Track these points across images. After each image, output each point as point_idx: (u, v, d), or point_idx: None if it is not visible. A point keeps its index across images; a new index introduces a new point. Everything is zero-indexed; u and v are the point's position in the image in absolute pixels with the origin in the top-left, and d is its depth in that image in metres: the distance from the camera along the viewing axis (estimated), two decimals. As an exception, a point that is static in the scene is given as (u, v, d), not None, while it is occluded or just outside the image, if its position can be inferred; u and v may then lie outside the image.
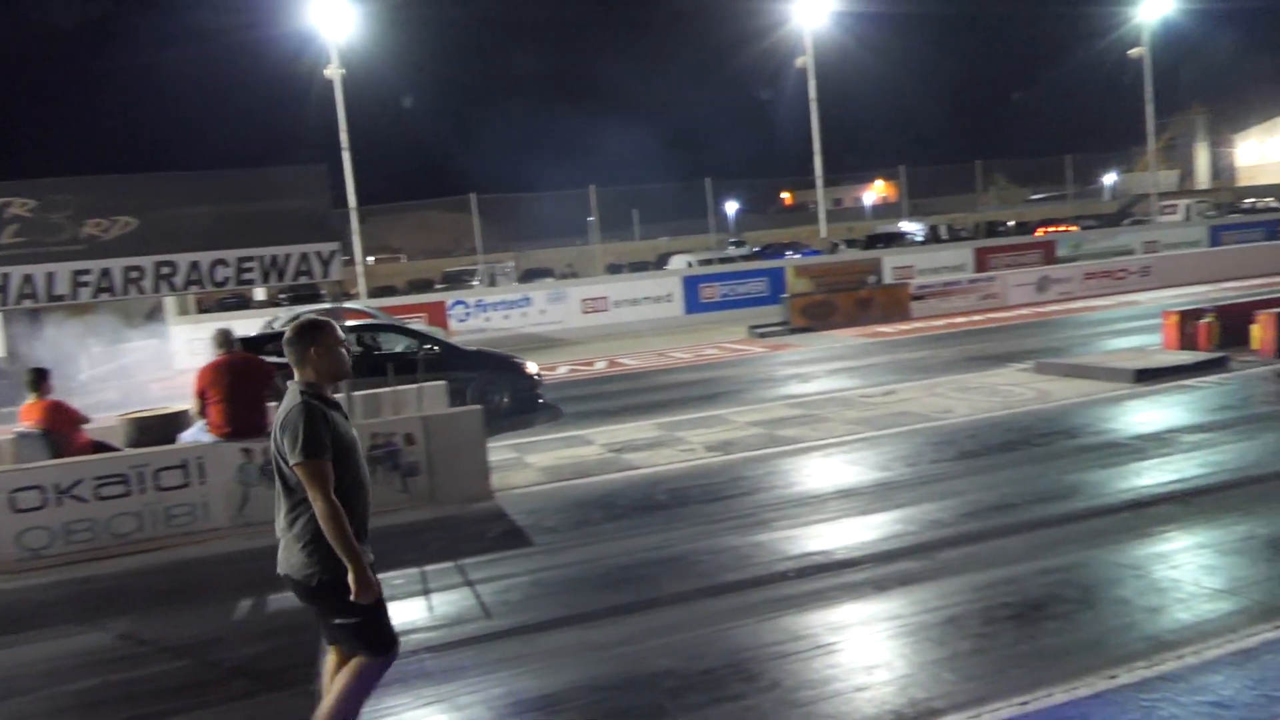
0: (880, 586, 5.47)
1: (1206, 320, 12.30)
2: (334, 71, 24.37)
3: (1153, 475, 7.29)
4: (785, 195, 75.11)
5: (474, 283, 29.62)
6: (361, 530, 3.58)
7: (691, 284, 23.78)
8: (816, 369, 14.49)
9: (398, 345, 12.39)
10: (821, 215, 29.03)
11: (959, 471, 7.84)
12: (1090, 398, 10.27)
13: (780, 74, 30.16)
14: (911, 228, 41.25)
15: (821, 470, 8.31)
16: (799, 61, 27.81)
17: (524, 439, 10.55)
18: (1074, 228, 35.67)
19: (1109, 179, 67.74)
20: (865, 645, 4.76)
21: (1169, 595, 5.02)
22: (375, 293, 27.91)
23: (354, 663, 3.60)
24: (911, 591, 5.37)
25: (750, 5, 30.74)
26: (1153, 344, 13.05)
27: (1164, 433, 8.59)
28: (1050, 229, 36.01)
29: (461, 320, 22.23)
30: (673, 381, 14.45)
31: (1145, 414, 9.49)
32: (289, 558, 3.54)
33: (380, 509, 7.65)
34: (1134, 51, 33.49)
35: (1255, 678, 3.96)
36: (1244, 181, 69.43)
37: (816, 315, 20.00)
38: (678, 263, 30.12)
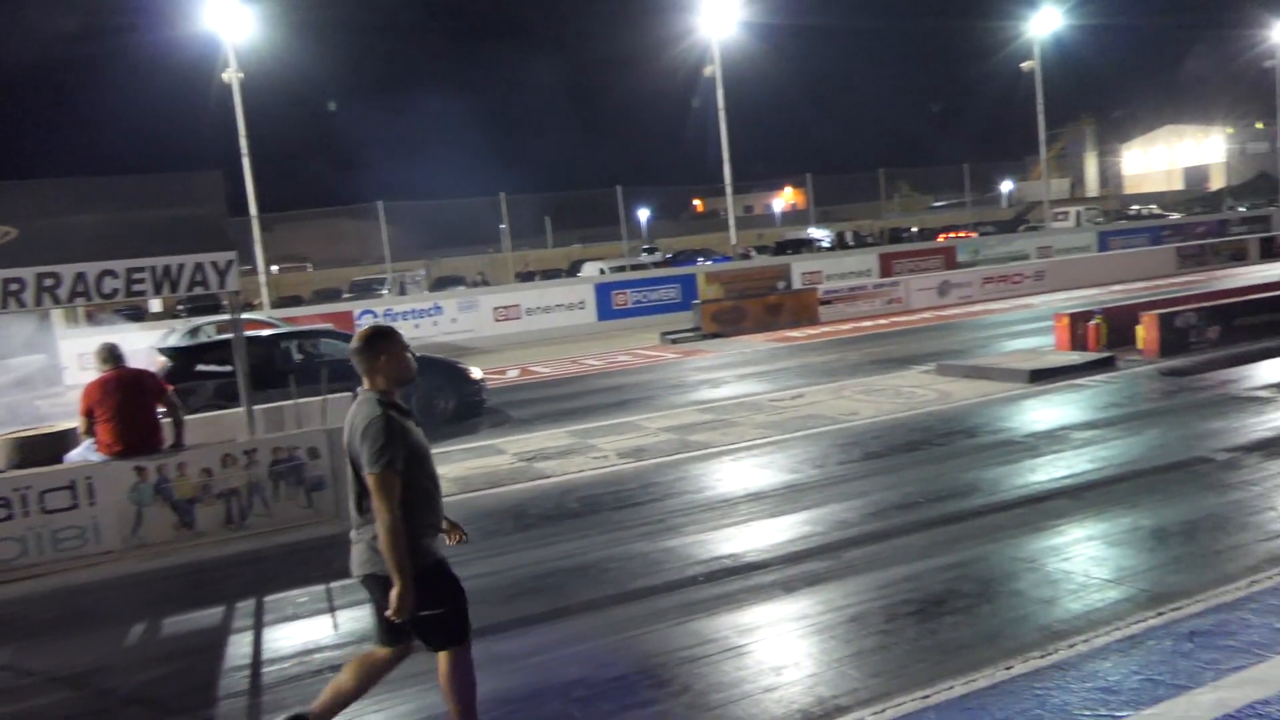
0: (788, 588, 5.55)
1: (1095, 322, 12.86)
2: (232, 75, 23.68)
3: (1046, 471, 7.58)
4: (697, 202, 75.88)
5: (383, 292, 29.10)
6: (438, 524, 3.81)
7: (604, 291, 23.82)
8: (727, 374, 14.65)
9: (334, 352, 12.07)
10: (731, 222, 29.41)
11: (864, 472, 8.02)
12: (988, 398, 10.62)
13: (690, 83, 30.48)
14: (819, 234, 42.12)
15: (732, 474, 8.40)
16: (707, 70, 28.15)
17: (436, 449, 10.37)
18: (973, 234, 36.89)
19: (1005, 187, 70.28)
20: (774, 646, 4.81)
21: (1061, 587, 5.21)
22: (280, 303, 27.20)
23: (446, 660, 3.74)
24: (819, 591, 5.46)
25: (660, 15, 31.01)
26: (1046, 345, 13.57)
27: (1056, 430, 8.94)
28: (951, 235, 37.18)
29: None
30: (585, 389, 14.43)
31: (1039, 412, 9.86)
32: (367, 556, 3.67)
33: (284, 526, 7.50)
34: (1026, 65, 34.87)
35: (1140, 663, 4.13)
36: (1130, 189, 72.98)
37: (727, 321, 20.23)
38: (590, 270, 30.16)
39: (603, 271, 28.11)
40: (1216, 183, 71.55)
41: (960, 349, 15.05)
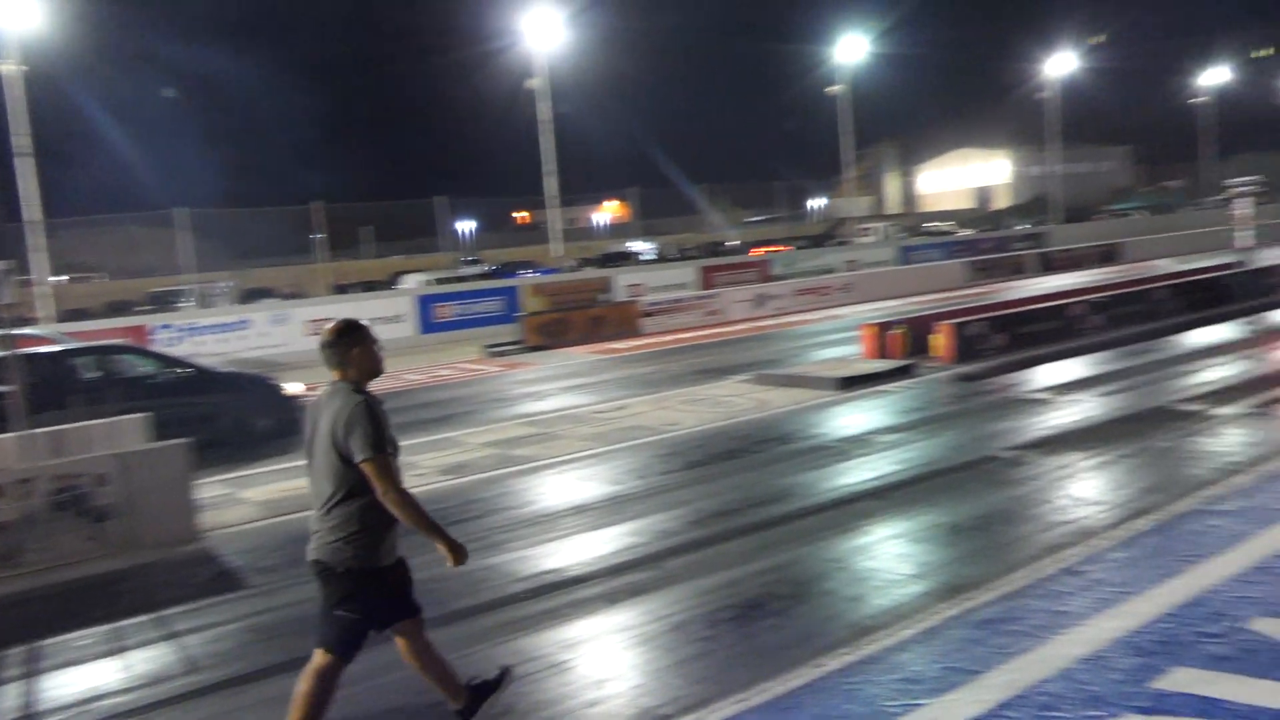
0: (612, 600, 5.55)
1: (898, 331, 13.66)
2: (10, 67, 21.63)
3: (855, 474, 7.95)
4: (521, 214, 75.52)
5: (183, 304, 27.28)
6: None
7: (425, 303, 23.26)
8: (550, 387, 14.61)
9: (138, 369, 11.13)
10: (555, 234, 29.42)
11: (686, 481, 8.16)
12: (802, 405, 11.06)
13: (514, 94, 30.31)
14: (642, 247, 42.85)
15: (555, 488, 8.35)
16: (531, 83, 28.09)
17: (248, 471, 9.79)
18: (787, 248, 38.50)
19: (815, 203, 73.84)
20: (598, 660, 4.80)
21: (868, 584, 5.47)
22: (66, 316, 24.98)
23: (319, 664, 3.78)
24: (642, 602, 5.49)
25: (485, 25, 30.70)
26: (854, 354, 14.29)
27: (864, 434, 9.41)
28: (765, 249, 38.62)
29: (169, 346, 20.35)
30: (405, 404, 14.01)
31: (848, 418, 10.36)
32: (321, 543, 3.77)
33: (64, 562, 6.84)
34: (833, 89, 36.82)
35: (940, 652, 4.38)
36: (926, 207, 78.15)
37: (551, 333, 20.19)
38: (411, 282, 29.40)
39: (424, 283, 27.49)
40: (1001, 202, 77.80)
41: (776, 358, 15.61)
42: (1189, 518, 5.85)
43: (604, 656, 4.83)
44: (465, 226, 59.13)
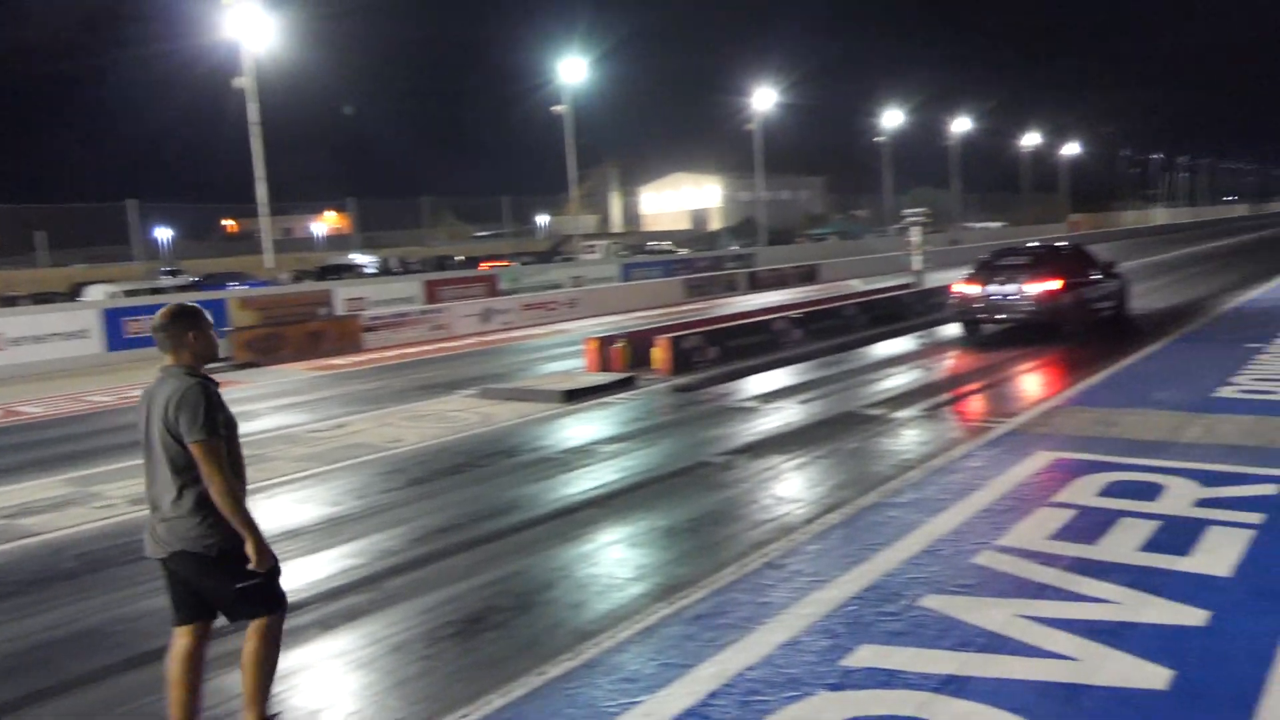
0: (327, 625, 5.29)
1: (619, 345, 14.12)
2: None
3: (578, 484, 8.11)
4: (229, 223, 70.44)
5: None
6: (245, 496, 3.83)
7: (115, 318, 21.00)
8: (262, 406, 13.71)
9: None
10: (268, 245, 27.68)
11: (409, 499, 7.94)
12: (527, 418, 11.13)
13: (222, 95, 28.17)
14: (364, 260, 41.35)
15: (266, 513, 7.79)
16: (237, 82, 26.25)
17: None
18: (508, 263, 38.64)
19: (542, 220, 74.77)
20: (311, 689, 4.55)
21: (590, 590, 5.59)
22: None
23: (258, 626, 3.85)
24: (360, 625, 5.27)
25: (191, 17, 28.28)
26: (579, 367, 14.61)
27: (587, 445, 9.63)
28: (492, 264, 38.59)
29: None
30: (90, 429, 12.59)
31: (573, 430, 10.55)
32: (181, 533, 3.73)
33: None
34: (557, 108, 37.53)
35: (656, 649, 4.55)
36: (648, 227, 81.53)
37: (263, 349, 18.96)
38: (96, 293, 26.48)
39: (113, 295, 24.85)
40: (715, 224, 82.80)
41: (502, 373, 15.62)
42: (872, 510, 6.49)
43: (318, 685, 4.59)
44: (164, 234, 54.28)
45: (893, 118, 59.96)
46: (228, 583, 3.78)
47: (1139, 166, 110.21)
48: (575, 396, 12.14)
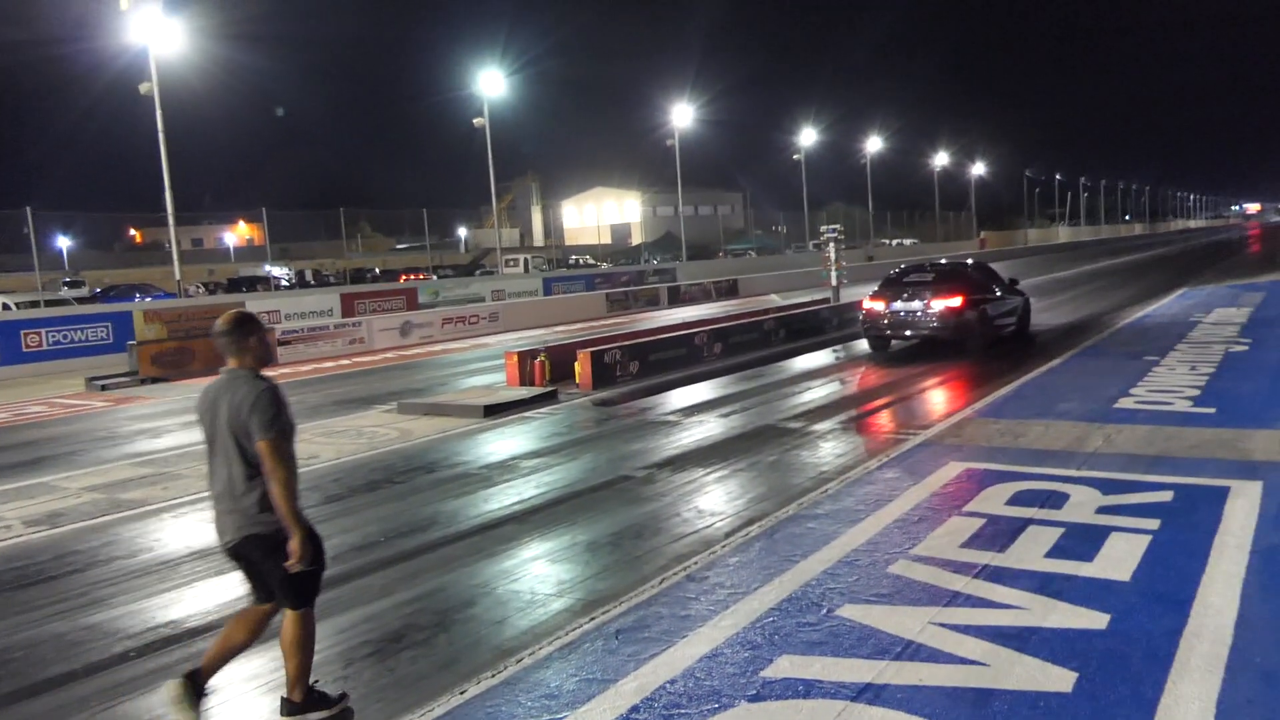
0: (237, 649, 5.11)
1: (540, 359, 14.06)
2: None
3: (498, 500, 8.04)
4: (135, 232, 68.08)
5: None
6: None
7: (10, 330, 20.10)
8: (171, 422, 13.24)
9: None
10: (175, 255, 26.75)
11: (324, 516, 7.74)
12: (447, 433, 10.99)
13: (128, 100, 27.18)
14: (278, 272, 40.38)
15: (173, 533, 7.56)
16: (143, 88, 25.39)
17: None
18: (424, 276, 38.18)
19: (463, 232, 74.12)
20: (223, 714, 4.40)
21: (511, 606, 5.54)
22: None
23: (295, 615, 4.20)
24: (272, 647, 5.11)
25: (95, 20, 27.23)
26: (499, 381, 14.49)
27: (508, 460, 9.55)
28: (411, 277, 38.06)
29: None
30: (-17, 448, 11.99)
31: (493, 445, 10.46)
32: (251, 518, 4.11)
33: None
34: (477, 121, 37.28)
35: (576, 665, 4.53)
36: (569, 241, 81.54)
37: (171, 364, 18.34)
38: (-10, 306, 25.29)
39: (7, 307, 23.76)
40: (636, 238, 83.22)
41: (422, 387, 15.40)
42: (791, 522, 6.59)
43: (227, 712, 4.44)
44: (65, 244, 52.15)
45: (808, 136, 61.19)
46: (282, 566, 4.10)
47: (1041, 187, 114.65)
48: (496, 411, 12.04)
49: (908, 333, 15.37)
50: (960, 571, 5.42)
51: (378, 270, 47.24)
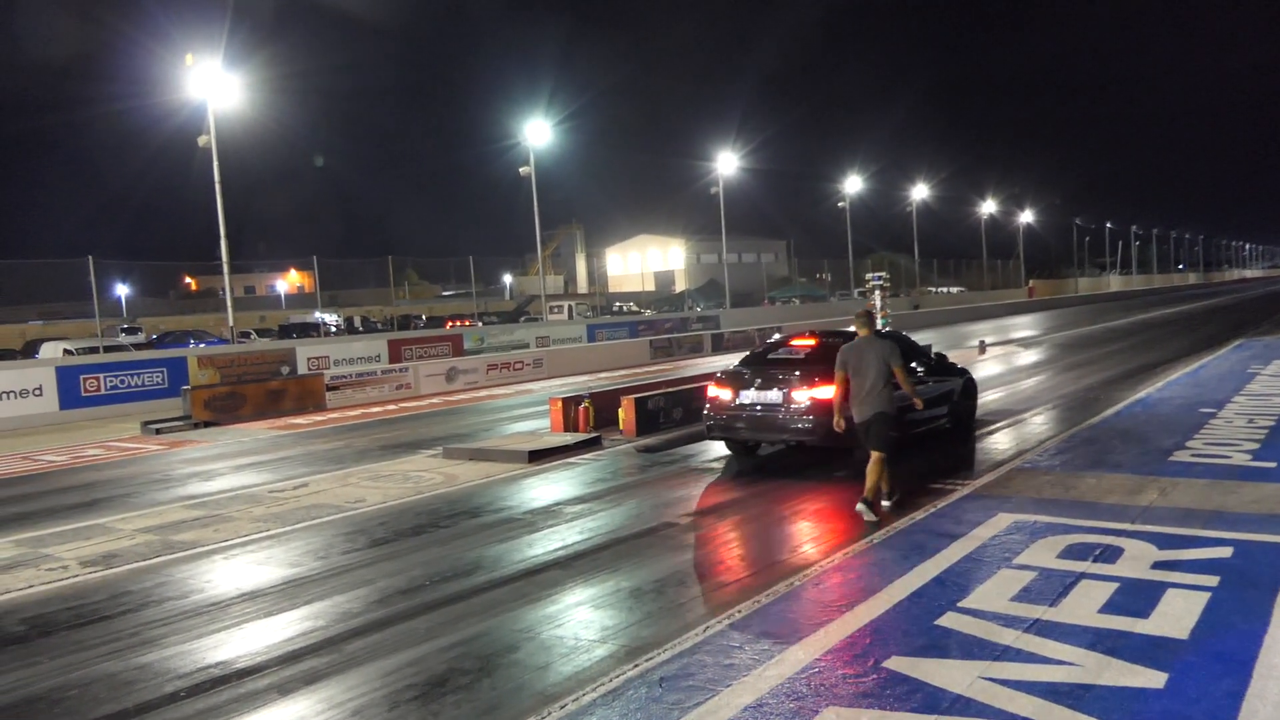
0: (284, 690, 5.17)
1: (584, 405, 14.13)
2: None
3: (542, 545, 8.05)
4: (190, 280, 69.92)
5: None
6: None
7: (69, 375, 20.68)
8: (221, 465, 13.49)
9: None
10: (229, 303, 27.43)
11: (370, 560, 7.83)
12: (491, 479, 11.06)
13: (186, 152, 28.13)
14: (327, 318, 41.13)
15: (224, 574, 7.68)
16: (201, 141, 26.28)
17: None
18: (468, 323, 38.63)
19: (508, 279, 75.06)
20: None
21: (554, 652, 5.53)
22: None
23: (878, 457, 8.12)
24: (318, 690, 5.16)
25: (155, 75, 28.32)
26: (543, 427, 14.57)
27: (552, 506, 9.58)
28: (457, 323, 38.54)
29: None
30: (41, 489, 12.31)
31: (537, 490, 10.50)
32: (883, 404, 8.11)
33: None
34: (523, 170, 37.92)
35: (620, 713, 4.51)
36: (613, 288, 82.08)
37: (223, 408, 18.72)
38: (51, 350, 26.08)
39: (68, 353, 24.46)
40: (680, 285, 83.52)
41: (466, 433, 15.54)
42: (836, 571, 6.52)
43: None
44: (123, 291, 53.74)
45: (853, 183, 61.28)
46: (886, 429, 8.04)
47: (1091, 235, 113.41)
48: (540, 457, 12.09)
49: (765, 436, 10.91)
50: (1010, 625, 5.31)
51: (424, 317, 47.94)
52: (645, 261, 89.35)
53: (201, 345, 29.85)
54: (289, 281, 74.02)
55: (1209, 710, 4.21)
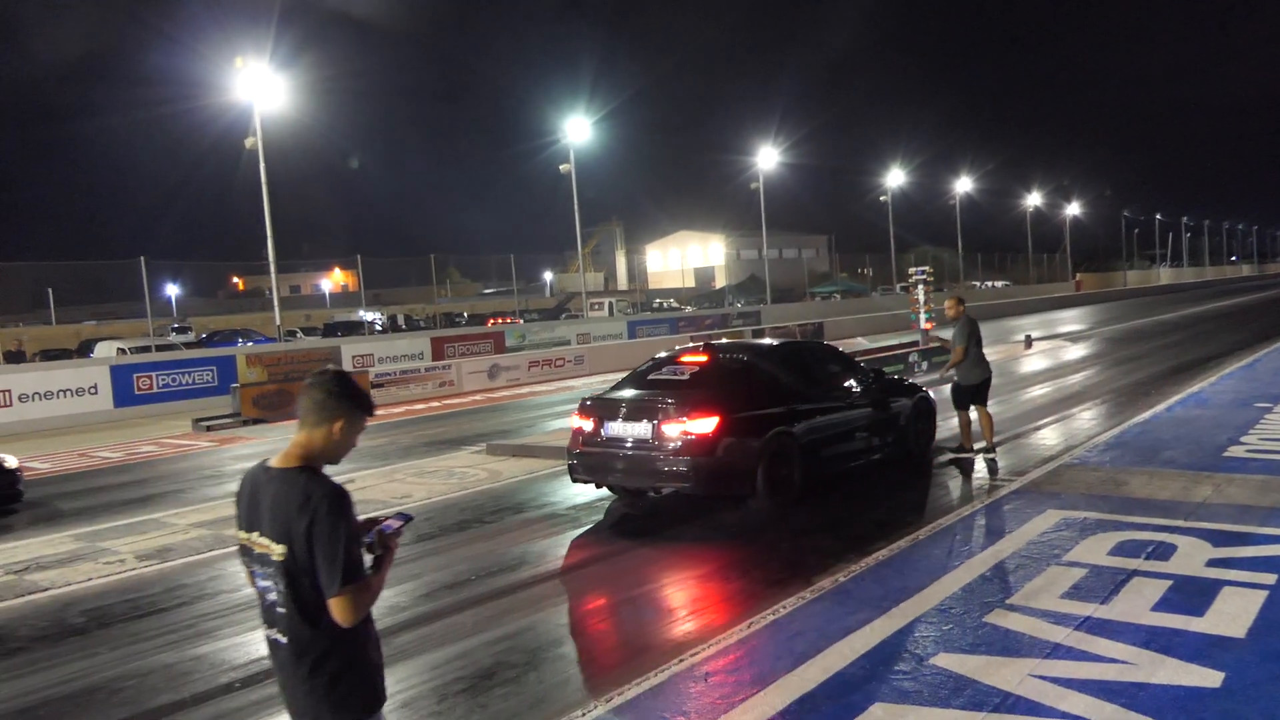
0: (335, 682, 5.25)
1: (626, 401, 14.11)
2: None
3: (587, 540, 8.09)
4: (237, 280, 71.15)
5: None
6: None
7: (123, 374, 21.16)
8: (271, 461, 13.71)
9: None
10: (276, 302, 27.90)
11: (416, 554, 7.92)
12: (535, 474, 11.14)
13: (233, 155, 28.66)
14: (371, 317, 41.65)
15: (274, 568, 7.81)
16: (248, 142, 26.73)
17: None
18: (509, 320, 38.87)
19: (548, 277, 75.36)
20: None
21: (600, 646, 5.57)
22: None
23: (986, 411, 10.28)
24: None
25: (198, 79, 28.88)
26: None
27: (595, 501, 9.61)
28: (499, 321, 38.81)
29: None
30: (97, 485, 12.61)
31: (581, 486, 10.52)
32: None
33: None
34: (564, 167, 38.06)
35: (666, 706, 4.52)
36: (653, 285, 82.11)
37: (271, 405, 19.03)
38: (106, 350, 26.70)
39: (122, 352, 25.03)
40: (720, 281, 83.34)
41: (510, 429, 15.65)
42: (883, 567, 6.48)
43: None
44: (173, 291, 54.87)
45: (895, 177, 60.68)
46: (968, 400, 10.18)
47: (1140, 227, 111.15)
48: (582, 453, 12.11)
49: (634, 482, 8.57)
50: (1060, 623, 5.24)
51: (466, 315, 48.36)
52: (685, 258, 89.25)
53: (250, 344, 30.38)
54: (333, 280, 75.06)
55: (1268, 711, 4.12)
